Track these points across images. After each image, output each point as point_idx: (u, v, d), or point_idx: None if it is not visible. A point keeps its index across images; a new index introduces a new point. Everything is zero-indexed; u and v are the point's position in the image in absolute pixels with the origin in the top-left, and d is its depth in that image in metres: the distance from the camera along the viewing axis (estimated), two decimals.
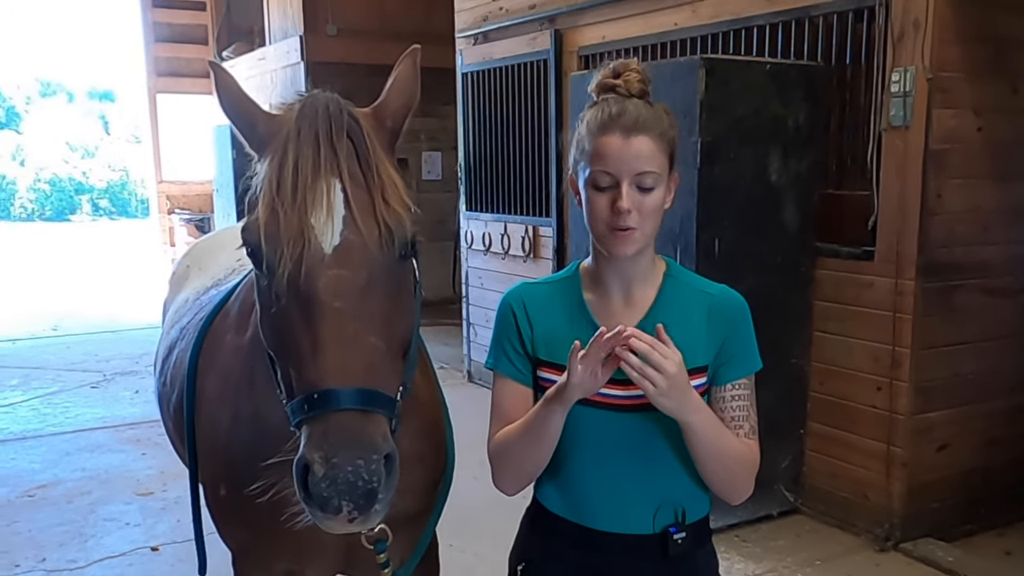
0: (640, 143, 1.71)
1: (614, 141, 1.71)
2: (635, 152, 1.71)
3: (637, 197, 1.71)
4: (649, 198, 1.73)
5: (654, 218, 1.75)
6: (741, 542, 4.53)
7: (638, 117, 1.73)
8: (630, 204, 1.70)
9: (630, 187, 1.71)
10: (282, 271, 1.60)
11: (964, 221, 4.37)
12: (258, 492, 2.00)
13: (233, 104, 1.77)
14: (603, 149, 1.72)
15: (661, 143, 1.74)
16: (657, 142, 1.73)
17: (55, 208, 34.03)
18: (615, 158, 1.71)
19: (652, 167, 1.72)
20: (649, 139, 1.72)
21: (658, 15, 5.61)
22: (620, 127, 1.72)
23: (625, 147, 1.71)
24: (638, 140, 1.71)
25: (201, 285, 3.05)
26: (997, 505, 4.68)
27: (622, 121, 1.72)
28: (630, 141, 1.71)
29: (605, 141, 1.72)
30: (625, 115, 1.72)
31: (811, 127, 4.63)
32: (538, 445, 1.78)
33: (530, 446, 1.79)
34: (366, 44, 10.40)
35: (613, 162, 1.71)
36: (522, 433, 1.79)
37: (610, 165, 1.71)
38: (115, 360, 9.02)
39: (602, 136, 1.73)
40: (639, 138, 1.71)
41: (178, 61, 15.03)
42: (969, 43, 4.21)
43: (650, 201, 1.73)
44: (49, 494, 5.42)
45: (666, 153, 1.75)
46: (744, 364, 1.83)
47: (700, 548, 1.89)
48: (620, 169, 1.71)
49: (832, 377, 4.72)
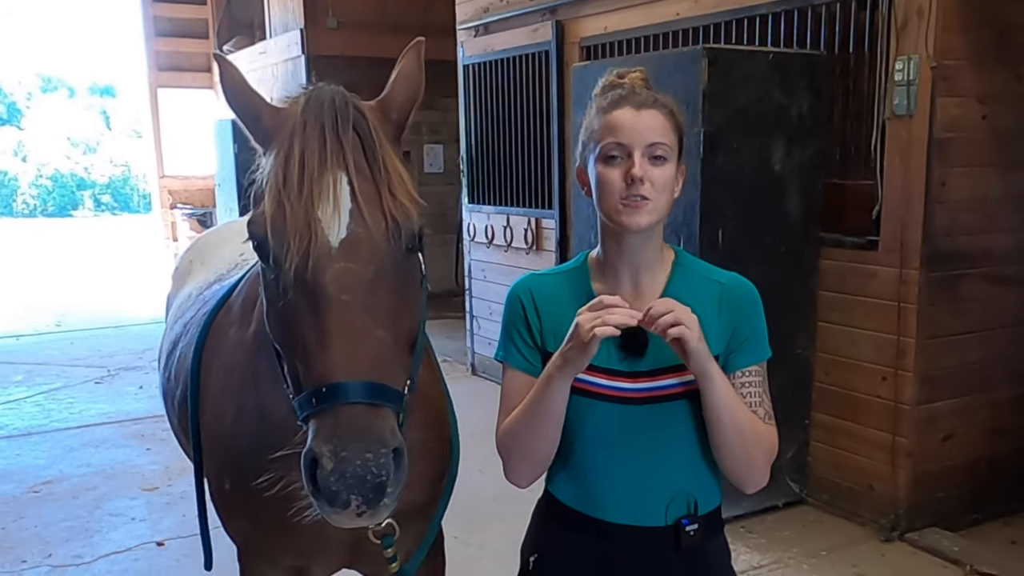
0: (652, 116, 1.74)
1: (626, 114, 1.74)
2: (647, 123, 1.73)
3: (649, 169, 1.72)
4: (661, 171, 1.73)
5: (665, 194, 1.75)
6: (747, 533, 4.53)
7: (648, 96, 1.77)
8: (643, 173, 1.71)
9: (643, 157, 1.72)
10: (289, 264, 1.59)
11: (968, 210, 4.35)
12: (266, 485, 1.99)
13: (238, 97, 1.76)
14: (615, 121, 1.75)
15: (671, 121, 1.77)
16: (668, 119, 1.76)
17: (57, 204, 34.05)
18: (627, 129, 1.73)
19: (664, 139, 1.74)
20: (660, 114, 1.75)
21: (660, 5, 5.58)
22: (632, 101, 1.75)
23: (637, 118, 1.74)
24: (650, 113, 1.74)
25: (204, 280, 3.04)
26: (1003, 494, 4.68)
27: (634, 98, 1.76)
28: (642, 113, 1.74)
29: (617, 114, 1.75)
30: (636, 94, 1.77)
31: (814, 116, 4.61)
32: (543, 424, 1.77)
33: (535, 426, 1.78)
34: (367, 37, 10.38)
35: (626, 132, 1.73)
36: (526, 414, 1.78)
37: (623, 135, 1.73)
38: (119, 355, 9.03)
39: (613, 110, 1.76)
40: (650, 111, 1.75)
41: (179, 55, 15.01)
42: (973, 31, 4.19)
43: (662, 174, 1.73)
44: (54, 490, 5.43)
45: (675, 133, 1.78)
46: (754, 351, 1.82)
47: (712, 539, 1.88)
48: (632, 140, 1.72)
49: (837, 367, 4.71)
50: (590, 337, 1.62)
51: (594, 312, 1.64)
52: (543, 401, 1.75)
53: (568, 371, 1.70)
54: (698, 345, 1.64)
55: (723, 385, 1.71)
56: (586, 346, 1.64)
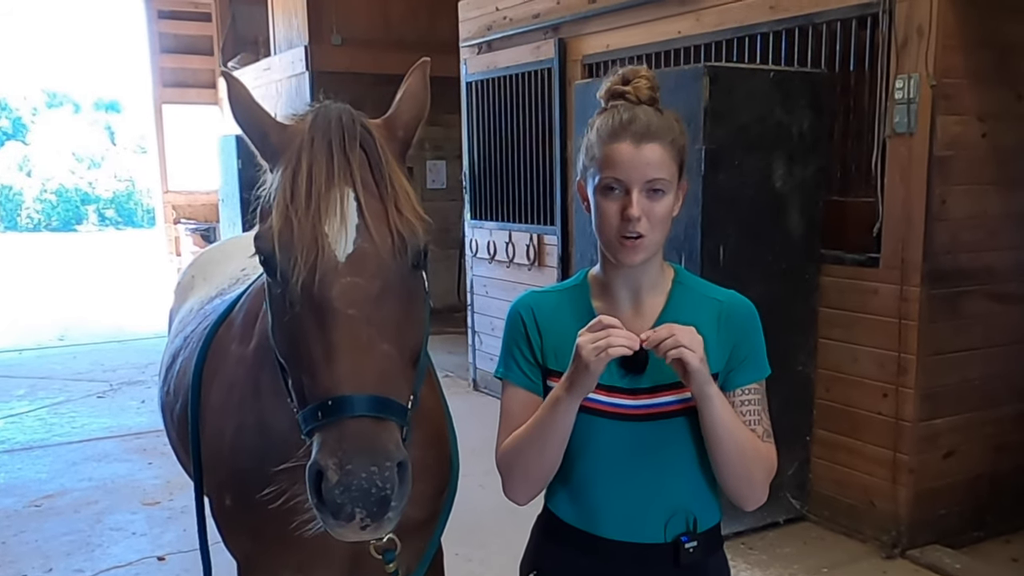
0: (651, 151, 1.71)
1: (625, 148, 1.72)
2: (646, 160, 1.71)
3: (647, 204, 1.72)
4: (659, 205, 1.73)
5: (663, 226, 1.75)
6: (748, 550, 4.52)
7: (649, 124, 1.73)
8: (640, 212, 1.70)
9: (640, 194, 1.71)
10: (296, 279, 1.61)
11: (969, 227, 4.36)
12: (269, 499, 1.99)
13: (246, 114, 1.78)
14: (614, 156, 1.72)
15: (671, 151, 1.74)
16: (668, 149, 1.74)
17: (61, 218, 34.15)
18: (626, 165, 1.71)
19: (662, 174, 1.72)
20: (660, 147, 1.72)
21: (662, 23, 5.62)
22: (631, 134, 1.72)
23: (636, 155, 1.71)
24: (649, 148, 1.71)
25: (206, 295, 3.06)
26: (1004, 512, 4.67)
27: (633, 128, 1.72)
28: (641, 149, 1.71)
29: (616, 148, 1.72)
30: (636, 122, 1.73)
31: (815, 134, 4.63)
32: (547, 446, 1.78)
33: (539, 447, 1.78)
34: (371, 53, 10.43)
35: (623, 169, 1.71)
36: (530, 434, 1.79)
37: (620, 172, 1.71)
38: (121, 370, 9.03)
39: (613, 143, 1.73)
40: (650, 146, 1.72)
41: (184, 72, 15.10)
42: (973, 49, 4.21)
43: (660, 209, 1.73)
44: (56, 504, 5.43)
45: (676, 161, 1.76)
46: (753, 369, 1.83)
47: (711, 556, 1.88)
48: (631, 177, 1.71)
49: (838, 384, 4.71)
50: (594, 359, 1.63)
51: (594, 334, 1.64)
52: (549, 423, 1.75)
53: (576, 394, 1.71)
54: (700, 366, 1.64)
55: (722, 406, 1.71)
56: (591, 369, 1.65)
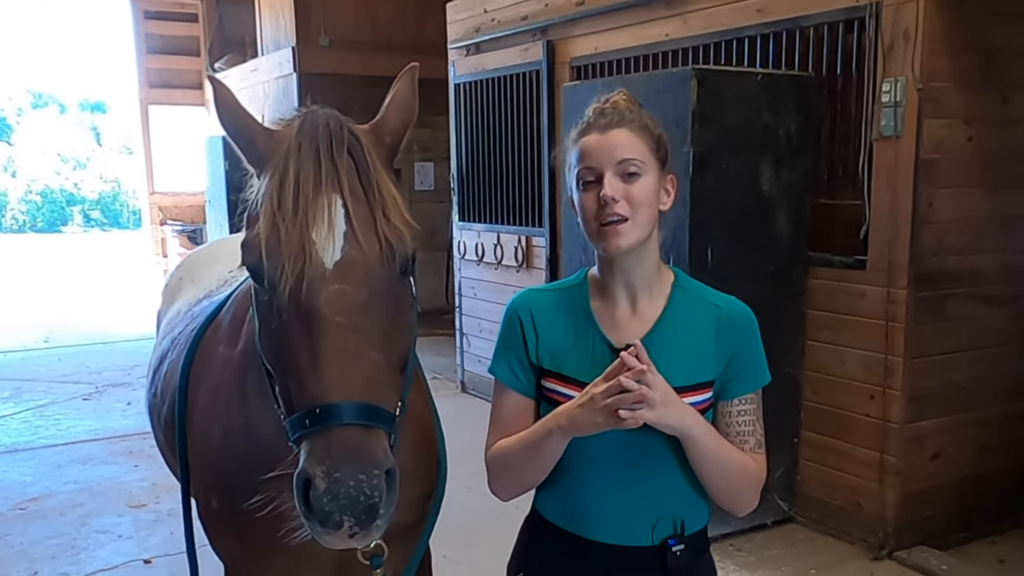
0: (617, 135, 1.76)
1: (592, 138, 1.78)
2: (613, 142, 1.76)
3: (622, 186, 1.74)
4: (636, 186, 1.74)
5: (646, 208, 1.75)
6: (736, 551, 4.53)
7: (614, 115, 1.79)
8: (614, 192, 1.72)
9: (614, 177, 1.74)
10: (283, 286, 1.60)
11: (955, 230, 4.38)
12: (257, 506, 1.98)
13: (232, 119, 1.77)
14: (584, 148, 1.78)
15: (642, 135, 1.78)
16: (637, 133, 1.77)
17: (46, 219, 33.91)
18: (595, 152, 1.76)
19: (632, 155, 1.75)
20: (626, 131, 1.77)
21: (649, 26, 5.63)
22: (598, 126, 1.79)
23: (603, 140, 1.76)
24: (615, 132, 1.77)
25: (193, 297, 3.04)
26: (991, 513, 4.69)
27: (600, 122, 1.79)
28: (607, 134, 1.77)
29: (585, 141, 1.79)
30: (604, 116, 1.79)
31: (802, 137, 4.65)
32: (537, 463, 1.79)
33: (529, 462, 1.80)
34: (359, 55, 10.41)
35: (594, 156, 1.76)
36: (522, 448, 1.80)
37: (592, 160, 1.76)
38: (107, 372, 8.98)
39: (581, 138, 1.80)
40: (616, 131, 1.77)
41: (170, 73, 15.02)
42: (959, 53, 4.23)
43: (637, 190, 1.74)
44: (41, 507, 5.39)
45: (649, 146, 1.78)
46: (752, 379, 1.84)
47: (698, 560, 1.88)
48: (601, 161, 1.75)
49: (825, 386, 4.72)
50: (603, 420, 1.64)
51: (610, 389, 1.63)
52: (541, 444, 1.76)
53: (573, 433, 1.71)
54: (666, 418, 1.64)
55: (706, 444, 1.72)
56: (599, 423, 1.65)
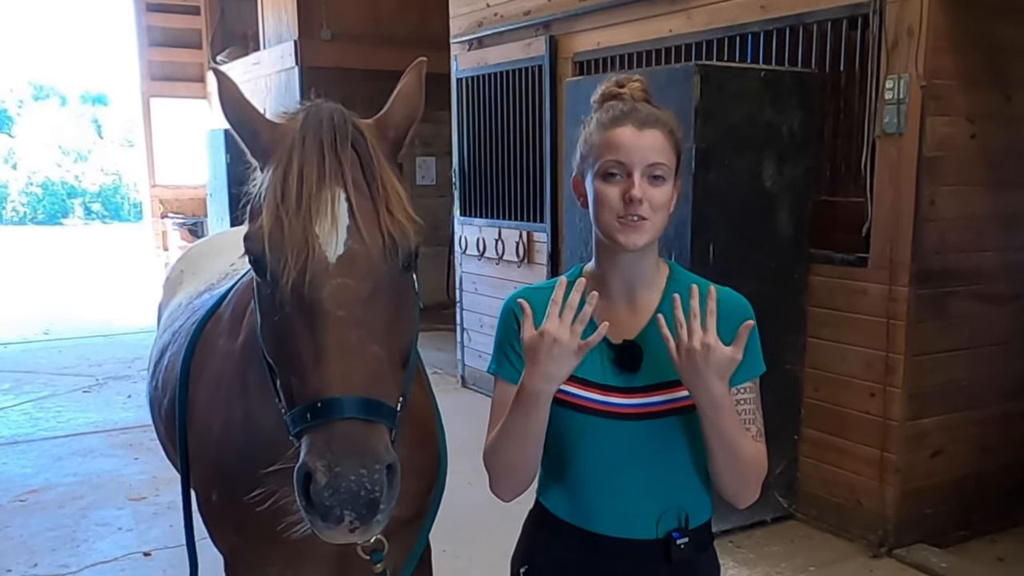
0: (653, 136, 1.74)
1: (627, 132, 1.74)
2: (648, 143, 1.73)
3: (648, 189, 1.73)
4: (659, 191, 1.74)
5: (663, 214, 1.76)
6: (735, 548, 4.53)
7: (650, 114, 1.76)
8: (642, 193, 1.71)
9: (642, 178, 1.72)
10: (286, 280, 1.60)
11: (957, 228, 4.38)
12: (258, 500, 1.98)
13: (236, 112, 1.76)
14: (615, 139, 1.74)
15: (671, 140, 1.77)
16: (668, 138, 1.76)
17: (47, 212, 33.91)
18: (628, 148, 1.73)
19: (663, 159, 1.74)
20: (660, 133, 1.75)
21: (653, 22, 5.62)
22: (633, 120, 1.75)
23: (638, 138, 1.73)
24: (651, 133, 1.74)
25: (194, 289, 3.04)
26: (990, 511, 4.69)
27: (635, 115, 1.75)
28: (643, 133, 1.74)
29: (618, 132, 1.74)
30: (637, 111, 1.76)
31: (805, 134, 4.64)
32: (523, 442, 1.76)
33: (516, 444, 1.77)
34: (361, 49, 10.41)
35: (625, 152, 1.73)
36: (505, 431, 1.77)
37: (622, 154, 1.73)
38: (107, 364, 8.99)
39: (615, 128, 1.75)
40: (652, 131, 1.74)
41: (172, 65, 15.01)
42: (962, 51, 4.22)
43: (660, 195, 1.74)
44: (41, 499, 5.40)
45: (674, 152, 1.78)
46: (749, 367, 1.82)
47: (702, 553, 1.89)
48: (632, 159, 1.72)
49: (826, 383, 4.72)
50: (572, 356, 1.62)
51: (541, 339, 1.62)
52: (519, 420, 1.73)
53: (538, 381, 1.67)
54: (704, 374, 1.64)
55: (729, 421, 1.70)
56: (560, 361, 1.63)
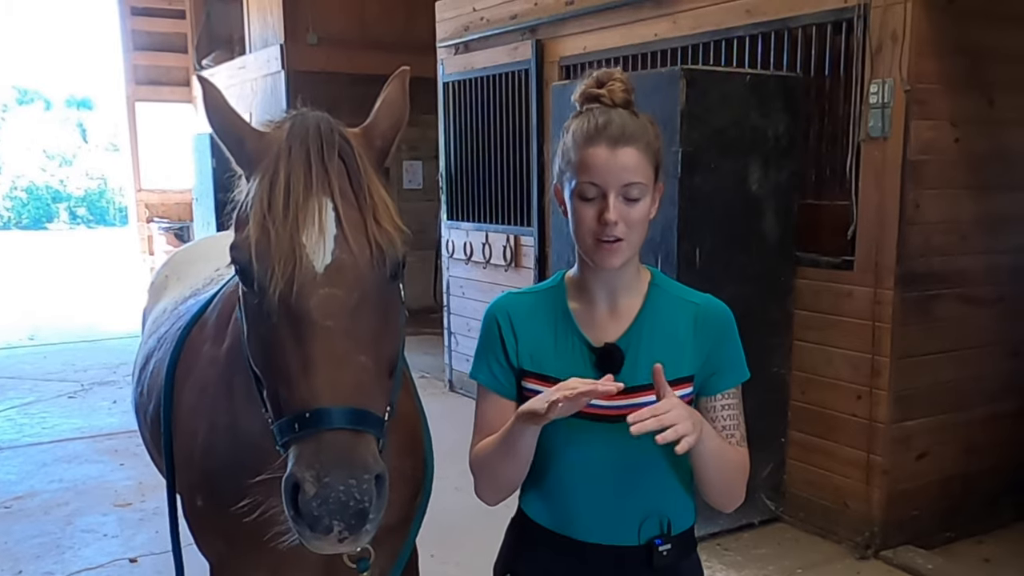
0: (627, 155, 1.71)
1: (600, 153, 1.71)
2: (622, 164, 1.71)
3: (623, 208, 1.72)
4: (635, 209, 1.73)
5: (640, 229, 1.75)
6: (723, 551, 4.54)
7: (624, 128, 1.72)
8: (617, 216, 1.70)
9: (617, 198, 1.71)
10: (273, 289, 1.59)
11: (942, 231, 4.40)
12: (245, 510, 1.98)
13: (222, 121, 1.75)
14: (589, 160, 1.72)
15: (647, 154, 1.74)
16: (643, 152, 1.73)
17: (32, 216, 33.67)
18: (602, 170, 1.71)
19: (638, 178, 1.72)
20: (635, 150, 1.72)
21: (639, 26, 5.63)
22: (606, 138, 1.71)
23: (611, 158, 1.71)
24: (624, 152, 1.71)
25: (180, 295, 3.03)
26: (976, 512, 4.71)
27: (608, 132, 1.72)
28: (616, 153, 1.71)
29: (592, 152, 1.72)
30: (611, 126, 1.72)
31: (790, 138, 4.66)
32: (512, 460, 1.78)
33: (504, 461, 1.79)
34: (347, 53, 10.39)
35: (599, 174, 1.71)
36: (496, 448, 1.79)
37: (596, 176, 1.71)
38: (93, 370, 8.93)
39: (588, 147, 1.72)
40: (626, 150, 1.71)
41: (157, 69, 14.96)
42: (946, 55, 4.25)
43: (636, 212, 1.73)
44: (25, 505, 5.36)
45: (652, 164, 1.76)
46: (733, 374, 1.84)
47: (685, 559, 1.89)
48: (607, 180, 1.71)
49: (812, 386, 4.74)
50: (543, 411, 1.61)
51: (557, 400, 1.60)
52: (513, 441, 1.74)
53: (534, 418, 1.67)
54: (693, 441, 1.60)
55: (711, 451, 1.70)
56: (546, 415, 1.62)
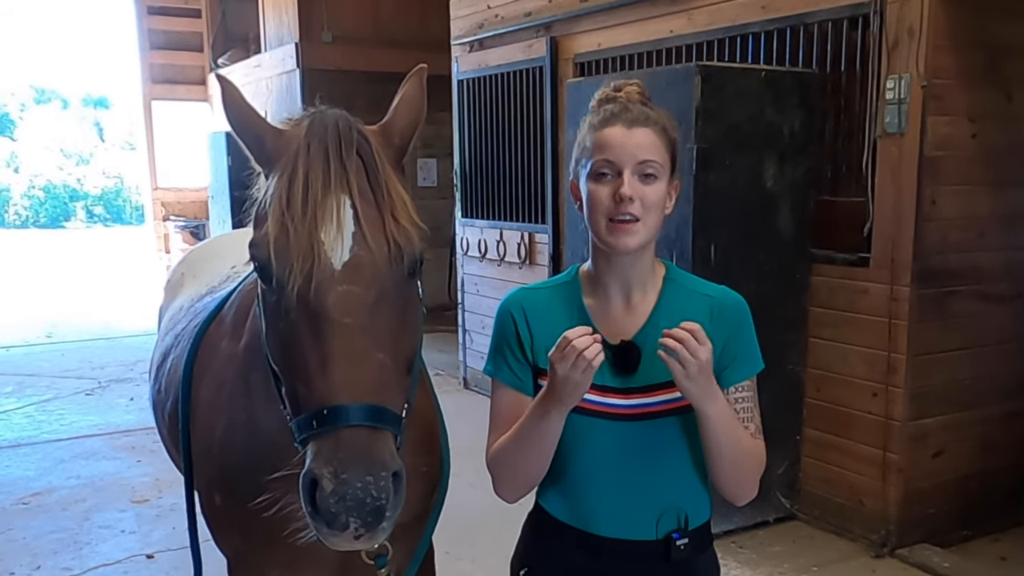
0: (642, 134, 1.74)
1: (616, 131, 1.74)
2: (637, 141, 1.73)
3: (639, 187, 1.72)
4: (651, 189, 1.73)
5: (656, 212, 1.75)
6: (738, 548, 4.53)
7: (640, 113, 1.77)
8: (632, 192, 1.71)
9: (632, 176, 1.72)
10: (292, 286, 1.59)
11: (959, 227, 4.38)
12: (263, 506, 1.99)
13: (240, 118, 1.77)
14: (605, 140, 1.75)
15: (663, 139, 1.76)
16: (659, 136, 1.76)
17: (49, 215, 33.91)
18: (617, 147, 1.73)
19: (654, 156, 1.74)
20: (651, 132, 1.75)
21: (654, 22, 5.62)
22: (623, 120, 1.75)
23: (627, 136, 1.73)
24: (640, 131, 1.74)
25: (196, 292, 3.04)
26: (993, 511, 4.69)
27: (625, 116, 1.76)
28: (633, 131, 1.74)
29: (608, 132, 1.75)
30: (628, 111, 1.76)
31: (806, 134, 4.64)
32: (535, 451, 1.77)
33: (527, 452, 1.77)
34: (362, 51, 10.42)
35: (615, 151, 1.73)
36: (517, 439, 1.78)
37: (612, 154, 1.73)
38: (110, 367, 8.99)
39: (604, 128, 1.76)
40: (642, 130, 1.75)
41: (173, 68, 15.03)
42: (963, 50, 4.22)
43: (652, 193, 1.73)
44: (44, 501, 5.40)
45: (668, 150, 1.77)
46: (747, 366, 1.83)
47: (702, 554, 1.89)
48: (622, 157, 1.72)
49: (828, 383, 4.72)
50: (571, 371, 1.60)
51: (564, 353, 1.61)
52: (535, 428, 1.73)
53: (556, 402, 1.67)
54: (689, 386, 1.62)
55: (720, 424, 1.70)
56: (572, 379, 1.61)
